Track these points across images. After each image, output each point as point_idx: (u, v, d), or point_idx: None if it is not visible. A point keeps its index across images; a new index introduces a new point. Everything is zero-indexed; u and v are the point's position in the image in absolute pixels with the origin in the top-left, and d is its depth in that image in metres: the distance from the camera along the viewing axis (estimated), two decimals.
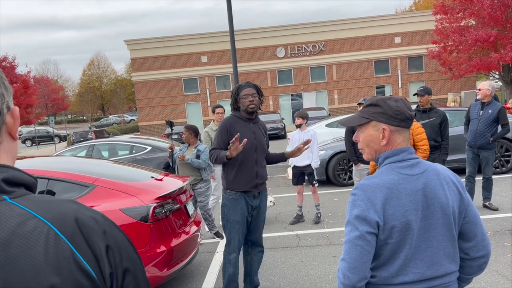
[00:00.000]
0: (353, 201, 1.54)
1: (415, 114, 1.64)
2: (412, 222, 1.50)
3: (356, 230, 1.49)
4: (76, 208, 0.80)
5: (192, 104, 30.85)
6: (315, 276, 4.36)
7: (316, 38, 30.19)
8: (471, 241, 1.58)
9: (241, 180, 3.59)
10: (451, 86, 28.83)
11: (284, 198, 8.06)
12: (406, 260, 1.51)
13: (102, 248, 0.78)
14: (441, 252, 1.54)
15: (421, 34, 29.39)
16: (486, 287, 3.79)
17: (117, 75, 65.64)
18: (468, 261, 1.60)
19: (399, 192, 1.51)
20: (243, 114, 3.67)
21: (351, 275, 1.49)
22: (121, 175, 4.14)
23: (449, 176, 1.61)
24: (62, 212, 0.77)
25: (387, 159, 1.60)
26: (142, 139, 9.32)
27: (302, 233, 5.83)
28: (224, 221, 3.66)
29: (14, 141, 0.84)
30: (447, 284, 1.55)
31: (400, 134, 1.60)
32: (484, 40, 19.25)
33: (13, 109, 0.83)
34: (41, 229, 0.73)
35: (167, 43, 30.57)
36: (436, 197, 1.53)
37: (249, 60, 30.22)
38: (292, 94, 30.86)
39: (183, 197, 4.34)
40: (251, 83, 3.69)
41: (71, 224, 0.76)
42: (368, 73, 30.33)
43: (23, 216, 0.73)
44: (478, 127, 5.83)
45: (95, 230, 0.78)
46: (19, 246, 0.70)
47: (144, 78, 30.81)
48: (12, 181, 0.77)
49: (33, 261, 0.70)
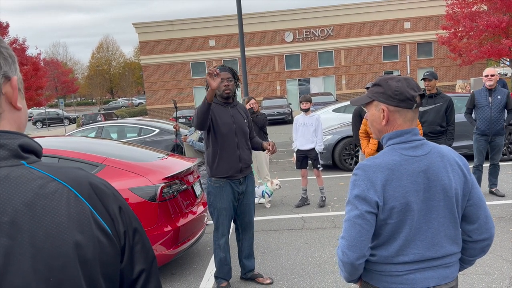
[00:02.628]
0: (354, 181, 1.56)
1: (422, 95, 1.61)
2: (412, 203, 1.51)
3: (356, 209, 1.51)
4: (86, 173, 0.85)
5: (199, 88, 30.83)
6: (319, 258, 4.43)
7: (325, 22, 29.84)
8: (474, 224, 1.59)
9: (224, 165, 3.56)
10: (460, 72, 28.48)
11: (290, 181, 8.13)
12: (407, 240, 1.52)
13: (115, 209, 0.83)
14: (442, 233, 1.55)
15: (431, 19, 28.93)
16: (489, 271, 3.84)
17: (125, 58, 65.67)
18: (470, 243, 1.61)
19: (400, 173, 1.51)
20: (219, 98, 3.63)
21: (350, 252, 1.51)
22: (130, 156, 4.21)
23: (454, 158, 1.60)
24: (76, 176, 0.82)
25: (390, 140, 1.60)
26: (150, 122, 9.39)
27: (307, 216, 5.90)
28: (211, 209, 3.66)
29: (18, 111, 0.84)
30: (448, 264, 1.57)
31: (401, 114, 1.59)
32: (496, 26, 18.92)
33: (12, 78, 0.82)
34: (62, 191, 0.77)
35: (175, 26, 30.42)
36: (439, 179, 1.53)
37: (256, 44, 30.02)
38: (300, 79, 30.69)
39: (191, 178, 4.41)
40: (226, 66, 3.62)
41: (87, 187, 0.81)
42: (377, 58, 30.01)
43: (44, 179, 0.77)
44: (492, 114, 5.78)
45: (107, 193, 0.84)
46: (43, 206, 0.74)
47: (152, 62, 30.78)
48: (26, 147, 0.80)
49: (58, 220, 0.74)
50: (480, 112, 5.89)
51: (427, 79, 5.56)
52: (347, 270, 1.56)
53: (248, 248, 3.93)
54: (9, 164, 0.76)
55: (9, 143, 0.78)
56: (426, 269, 1.54)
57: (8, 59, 0.82)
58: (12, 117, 0.83)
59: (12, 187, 0.74)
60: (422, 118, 5.51)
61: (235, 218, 3.84)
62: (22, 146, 0.79)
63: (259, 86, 30.10)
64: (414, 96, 1.56)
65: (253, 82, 28.76)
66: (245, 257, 3.95)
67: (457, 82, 26.76)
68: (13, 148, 0.78)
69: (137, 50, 59.70)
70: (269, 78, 30.60)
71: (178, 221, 3.95)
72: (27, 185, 0.75)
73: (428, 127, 5.47)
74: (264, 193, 6.39)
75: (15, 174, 0.75)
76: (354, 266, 1.54)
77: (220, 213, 3.64)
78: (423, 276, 1.54)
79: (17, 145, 0.78)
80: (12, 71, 0.83)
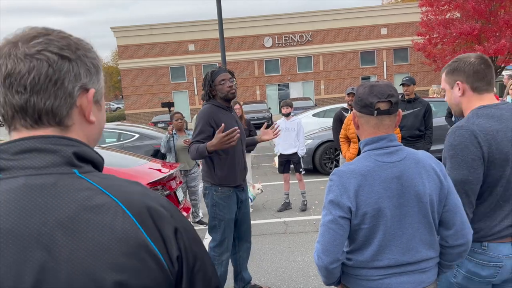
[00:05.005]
0: (329, 186, 1.59)
1: (390, 102, 1.57)
2: (385, 209, 1.52)
3: (330, 214, 1.54)
4: (142, 190, 0.78)
5: (179, 93, 30.64)
6: (302, 262, 4.46)
7: (304, 28, 30.16)
8: (451, 229, 1.60)
9: (233, 174, 3.32)
10: (435, 78, 29.19)
11: (272, 186, 8.16)
12: (381, 245, 1.54)
13: (170, 231, 0.75)
14: (417, 239, 1.56)
15: (406, 26, 29.60)
16: None
17: (103, 62, 64.64)
18: (447, 249, 1.63)
19: (373, 179, 1.53)
20: (221, 102, 3.32)
21: (324, 257, 1.54)
22: (111, 161, 4.15)
23: (430, 164, 1.60)
24: (130, 191, 0.75)
25: (366, 146, 1.62)
26: (129, 127, 9.27)
27: (290, 220, 5.94)
28: (216, 221, 3.32)
29: (90, 124, 0.81)
30: (424, 269, 1.59)
31: (365, 120, 1.61)
32: (468, 33, 19.51)
33: (90, 91, 0.79)
34: (109, 205, 0.71)
35: (154, 30, 30.19)
36: (412, 186, 1.54)
37: (236, 49, 30.07)
38: (279, 84, 30.87)
39: (173, 184, 4.38)
40: (223, 67, 3.39)
41: (139, 204, 0.74)
42: (354, 64, 30.49)
43: (92, 191, 0.72)
44: None
45: (162, 213, 0.76)
46: (87, 221, 0.69)
47: (130, 66, 30.43)
48: (82, 156, 0.76)
49: (100, 237, 0.68)
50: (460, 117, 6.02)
51: (406, 84, 5.69)
52: (323, 274, 1.59)
53: (246, 259, 3.70)
54: (59, 171, 0.73)
55: (63, 149, 0.74)
56: (401, 273, 1.56)
57: (91, 69, 0.80)
58: (83, 130, 0.80)
59: (58, 196, 0.70)
60: (401, 123, 5.63)
61: None
62: (77, 153, 0.76)
63: (239, 91, 30.11)
64: (373, 103, 1.57)
65: None
66: (244, 269, 3.70)
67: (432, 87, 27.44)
68: (67, 155, 0.74)
69: (115, 54, 58.95)
70: (249, 83, 30.68)
71: None
72: (73, 196, 0.70)
73: (407, 131, 5.59)
74: None
75: (64, 182, 0.71)
76: (329, 270, 1.56)
77: (228, 225, 3.33)
78: (398, 281, 1.56)
79: (71, 152, 0.75)
80: (92, 83, 0.81)
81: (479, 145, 1.73)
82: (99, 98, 0.84)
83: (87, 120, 0.80)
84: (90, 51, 0.81)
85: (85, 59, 0.79)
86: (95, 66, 0.82)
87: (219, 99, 3.32)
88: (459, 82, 1.89)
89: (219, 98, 3.32)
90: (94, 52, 0.83)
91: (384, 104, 1.58)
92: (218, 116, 3.23)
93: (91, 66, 0.80)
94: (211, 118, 3.21)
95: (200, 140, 3.18)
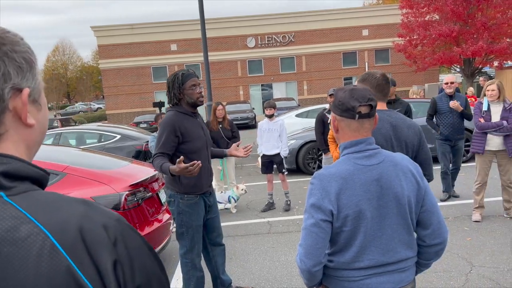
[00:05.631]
0: (310, 190, 1.60)
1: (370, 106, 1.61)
2: (365, 211, 1.55)
3: (311, 218, 1.55)
4: (83, 212, 0.67)
5: (161, 93, 30.37)
6: (286, 262, 4.48)
7: (286, 29, 30.27)
8: (428, 229, 1.64)
9: (200, 182, 3.23)
10: (415, 78, 29.68)
11: (255, 186, 8.16)
12: (362, 247, 1.57)
13: (108, 262, 0.65)
14: (396, 239, 1.60)
15: (387, 27, 30.01)
16: (447, 269, 4.02)
17: (83, 62, 63.73)
18: (425, 248, 1.67)
19: (353, 182, 1.55)
20: (187, 107, 3.18)
21: (306, 260, 1.55)
22: (92, 163, 4.10)
23: (408, 166, 1.64)
24: (64, 217, 0.65)
25: (346, 149, 1.65)
26: (111, 127, 9.16)
27: (273, 220, 5.95)
28: (183, 229, 3.23)
29: (28, 128, 0.71)
30: (403, 269, 1.63)
31: (346, 124, 1.63)
32: (447, 35, 19.91)
33: (23, 90, 0.70)
34: (35, 237, 0.61)
35: (135, 30, 29.87)
36: (391, 188, 1.58)
37: (219, 49, 29.99)
38: (263, 84, 30.91)
39: (155, 185, 4.34)
40: (191, 70, 3.24)
41: (73, 233, 0.64)
42: (337, 64, 30.75)
43: (17, 220, 0.61)
44: (454, 119, 5.94)
45: (102, 241, 0.65)
46: (7, 256, 0.59)
47: (111, 66, 30.04)
48: (14, 174, 0.66)
49: (21, 276, 0.58)
50: (443, 118, 6.03)
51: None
52: (306, 277, 1.60)
53: (223, 262, 3.62)
54: None
55: None
56: (381, 274, 1.59)
57: (22, 65, 0.70)
58: (20, 136, 0.70)
59: None
60: None
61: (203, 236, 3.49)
62: (7, 172, 0.65)
63: (222, 91, 30.06)
64: (354, 107, 1.59)
65: (216, 87, 28.68)
66: (222, 272, 3.62)
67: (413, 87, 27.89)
68: None
69: (95, 54, 58.13)
70: (232, 83, 30.64)
71: (143, 230, 3.87)
72: None
73: None
74: (230, 198, 6.38)
75: None
76: (311, 273, 1.57)
77: (196, 231, 3.26)
78: (379, 281, 1.59)
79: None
80: (26, 80, 0.70)
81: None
82: (37, 96, 0.73)
83: (24, 124, 0.70)
84: (18, 44, 0.70)
85: (14, 54, 0.69)
86: (28, 61, 0.71)
87: (185, 104, 3.17)
88: None
89: (185, 103, 3.16)
90: (24, 45, 0.72)
91: (365, 107, 1.61)
92: (184, 124, 3.10)
93: (22, 61, 0.70)
94: (177, 126, 3.07)
95: (164, 152, 3.06)
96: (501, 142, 5.08)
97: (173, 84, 3.13)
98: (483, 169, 5.24)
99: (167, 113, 3.19)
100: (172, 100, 3.17)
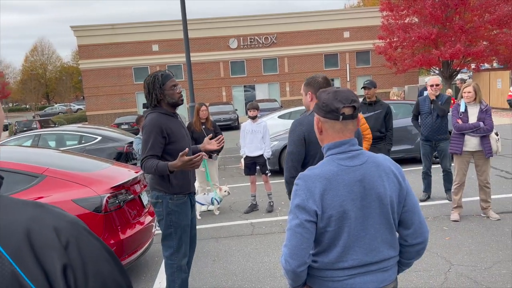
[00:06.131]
0: (295, 190, 1.61)
1: (354, 107, 1.63)
2: (349, 212, 1.57)
3: (296, 219, 1.56)
4: (33, 214, 0.65)
5: (142, 94, 30.03)
6: (269, 263, 4.49)
7: (268, 30, 30.36)
8: (410, 229, 1.67)
9: (188, 181, 3.27)
10: (395, 80, 30.14)
11: (238, 188, 8.16)
12: (346, 247, 1.59)
13: (57, 267, 0.62)
14: (379, 239, 1.62)
15: (368, 29, 30.40)
16: (427, 268, 4.10)
17: (62, 62, 62.59)
18: (406, 247, 1.69)
19: (337, 182, 1.57)
20: (167, 108, 3.16)
21: (291, 260, 1.56)
22: (73, 165, 4.03)
23: (390, 166, 1.67)
24: (11, 220, 0.63)
25: (329, 151, 1.66)
26: (91, 129, 9.03)
27: (256, 222, 5.96)
28: (171, 229, 3.22)
29: None
30: (386, 268, 1.65)
31: (330, 125, 1.65)
32: (426, 38, 20.32)
33: None
34: None
35: (117, 30, 29.50)
36: (374, 188, 1.59)
37: (201, 50, 29.87)
38: (245, 85, 30.91)
39: (137, 187, 4.30)
40: (169, 71, 3.22)
41: (18, 237, 0.61)
42: (318, 66, 30.98)
43: None
44: (433, 120, 5.98)
45: (51, 245, 0.63)
46: None
47: (92, 66, 29.59)
48: None
49: None
50: (423, 118, 6.11)
51: (367, 87, 5.85)
52: (290, 277, 1.61)
53: (191, 263, 3.61)
54: None
55: None
56: (365, 273, 1.61)
57: None
58: None
59: None
60: None
61: None
62: None
63: (204, 92, 29.94)
64: (338, 108, 1.61)
65: (198, 88, 28.53)
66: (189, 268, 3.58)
67: (393, 89, 28.33)
68: None
69: (75, 54, 57.15)
70: (214, 84, 30.55)
71: (126, 232, 3.83)
72: None
73: None
74: (213, 200, 6.37)
75: None
76: (296, 273, 1.58)
77: (184, 231, 3.26)
78: (362, 281, 1.61)
79: None
80: None
81: (302, 130, 2.67)
82: None
83: None
84: None
85: None
86: None
87: (165, 105, 3.15)
88: (309, 92, 2.77)
89: (165, 104, 3.14)
90: None
91: (349, 109, 1.63)
92: (169, 125, 3.10)
93: None
94: (163, 127, 3.06)
95: (153, 154, 3.03)
96: (478, 143, 5.20)
97: (153, 86, 3.10)
98: (461, 170, 5.36)
99: (149, 115, 3.14)
100: (152, 102, 3.14)
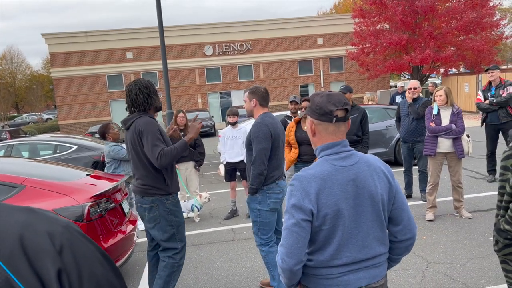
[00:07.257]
0: (290, 191, 1.66)
1: (346, 110, 1.71)
2: (343, 210, 1.63)
3: (292, 218, 1.61)
4: (25, 220, 0.64)
5: (117, 102, 29.62)
6: (251, 267, 4.52)
7: (243, 37, 30.52)
8: (399, 225, 1.74)
9: (177, 180, 3.45)
10: (368, 85, 30.78)
11: (218, 194, 8.16)
12: (340, 244, 1.64)
13: (52, 272, 0.62)
14: (371, 236, 1.68)
15: (341, 36, 30.98)
16: (405, 267, 4.22)
17: (32, 70, 60.96)
18: (396, 243, 1.77)
19: (332, 182, 1.63)
20: (152, 113, 3.37)
21: (288, 259, 1.60)
22: (52, 175, 3.97)
23: (380, 166, 1.74)
24: (3, 226, 0.62)
25: (323, 152, 1.73)
26: (66, 138, 8.84)
27: (237, 227, 5.98)
28: (174, 229, 3.31)
29: None
30: (377, 264, 1.72)
31: (324, 127, 1.71)
32: (397, 43, 20.89)
33: None
34: None
35: (89, 38, 29.01)
36: (366, 187, 1.66)
37: (176, 57, 29.72)
38: (221, 92, 30.91)
39: (118, 196, 4.27)
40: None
41: (12, 243, 0.61)
42: (293, 72, 31.33)
43: None
44: (409, 123, 6.24)
45: (44, 250, 0.63)
46: None
47: (64, 74, 28.96)
48: None
49: None
50: (402, 121, 6.43)
51: (343, 92, 5.99)
52: (287, 276, 1.65)
53: None
54: None
55: None
56: (358, 270, 1.67)
57: None
58: None
59: None
60: None
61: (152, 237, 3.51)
62: None
63: (180, 99, 29.76)
64: (332, 111, 1.67)
65: (174, 95, 28.34)
66: None
67: (366, 94, 28.92)
68: None
69: (46, 62, 55.85)
70: (190, 91, 30.41)
71: (107, 241, 3.80)
72: None
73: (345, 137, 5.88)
74: (194, 207, 6.36)
75: None
76: (293, 271, 1.62)
77: (182, 228, 3.40)
78: (356, 277, 1.67)
79: None
80: None
81: (268, 129, 3.45)
82: None
83: None
84: None
85: None
86: None
87: (152, 110, 3.34)
88: (254, 99, 3.59)
89: (153, 109, 3.33)
90: None
91: (341, 111, 1.70)
92: (159, 128, 3.28)
93: None
94: (160, 128, 3.24)
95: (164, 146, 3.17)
96: (450, 145, 5.41)
97: (153, 90, 3.29)
98: (435, 171, 5.56)
99: (142, 118, 3.20)
100: (147, 106, 3.26)
